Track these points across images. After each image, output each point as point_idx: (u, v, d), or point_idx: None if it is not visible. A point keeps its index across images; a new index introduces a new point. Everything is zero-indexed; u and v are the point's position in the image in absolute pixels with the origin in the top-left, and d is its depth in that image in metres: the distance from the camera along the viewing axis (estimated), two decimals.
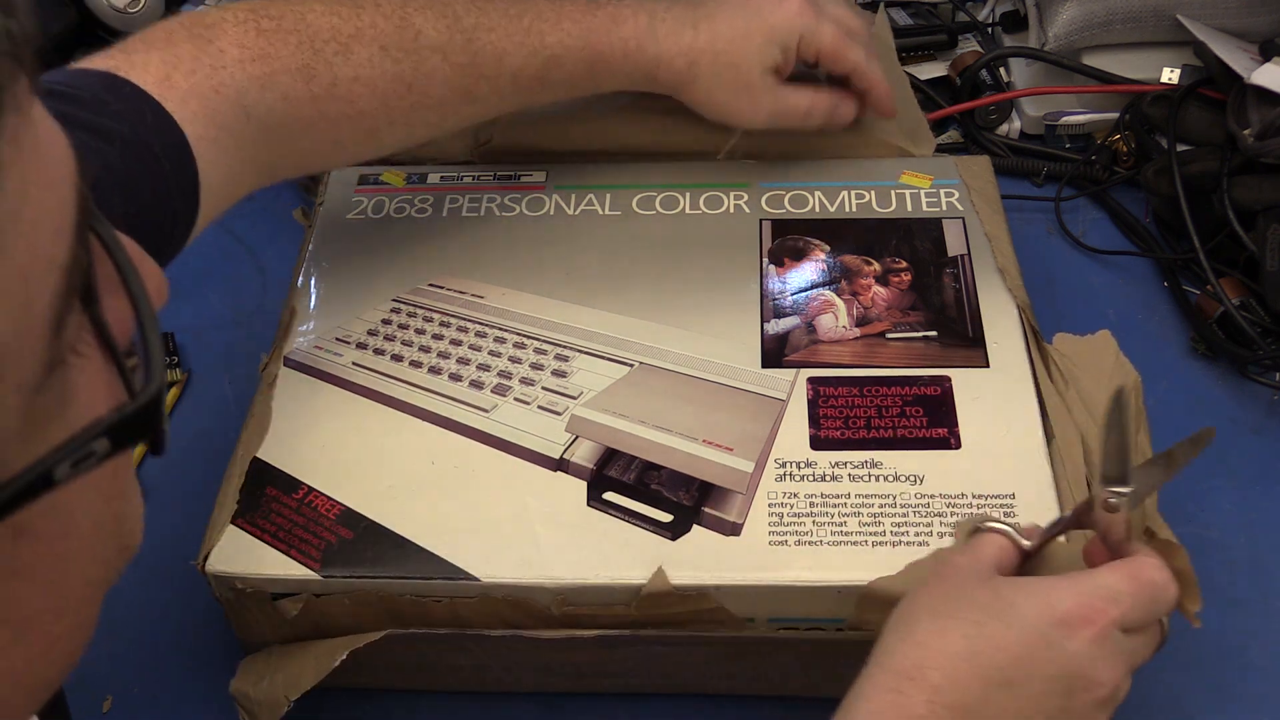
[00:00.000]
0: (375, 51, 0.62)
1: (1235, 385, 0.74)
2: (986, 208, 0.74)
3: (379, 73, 0.62)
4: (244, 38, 0.59)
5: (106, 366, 0.29)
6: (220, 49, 0.58)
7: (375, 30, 0.62)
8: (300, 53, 0.60)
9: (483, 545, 0.58)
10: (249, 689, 0.58)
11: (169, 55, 0.57)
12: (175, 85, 0.56)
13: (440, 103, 0.65)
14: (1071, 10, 0.86)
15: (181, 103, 0.56)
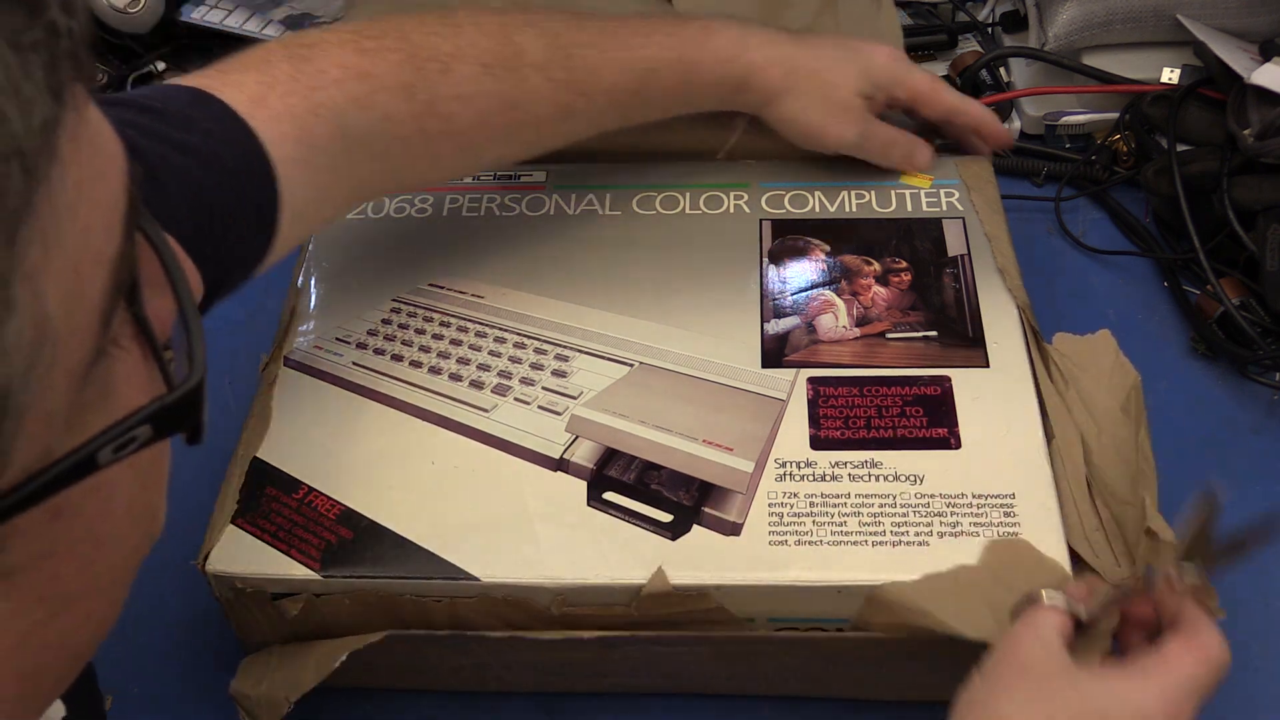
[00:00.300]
0: (476, 69, 0.62)
1: (1235, 385, 0.74)
2: (986, 208, 0.74)
3: (479, 90, 0.63)
4: (345, 57, 0.59)
5: (146, 361, 0.30)
6: (320, 69, 0.58)
7: (476, 49, 0.63)
8: (402, 71, 0.60)
9: (483, 545, 0.58)
10: (249, 690, 0.58)
11: (265, 76, 0.57)
12: (269, 106, 0.56)
13: (538, 120, 0.66)
14: (1071, 10, 0.86)
15: (273, 123, 0.56)
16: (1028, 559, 0.56)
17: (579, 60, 0.66)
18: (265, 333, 0.70)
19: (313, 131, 0.57)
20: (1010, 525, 0.57)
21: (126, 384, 0.29)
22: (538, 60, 0.64)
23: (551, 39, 0.65)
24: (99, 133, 0.28)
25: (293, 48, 0.59)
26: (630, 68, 0.67)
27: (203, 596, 0.60)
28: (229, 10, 1.02)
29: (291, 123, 0.56)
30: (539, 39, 0.65)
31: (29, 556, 0.27)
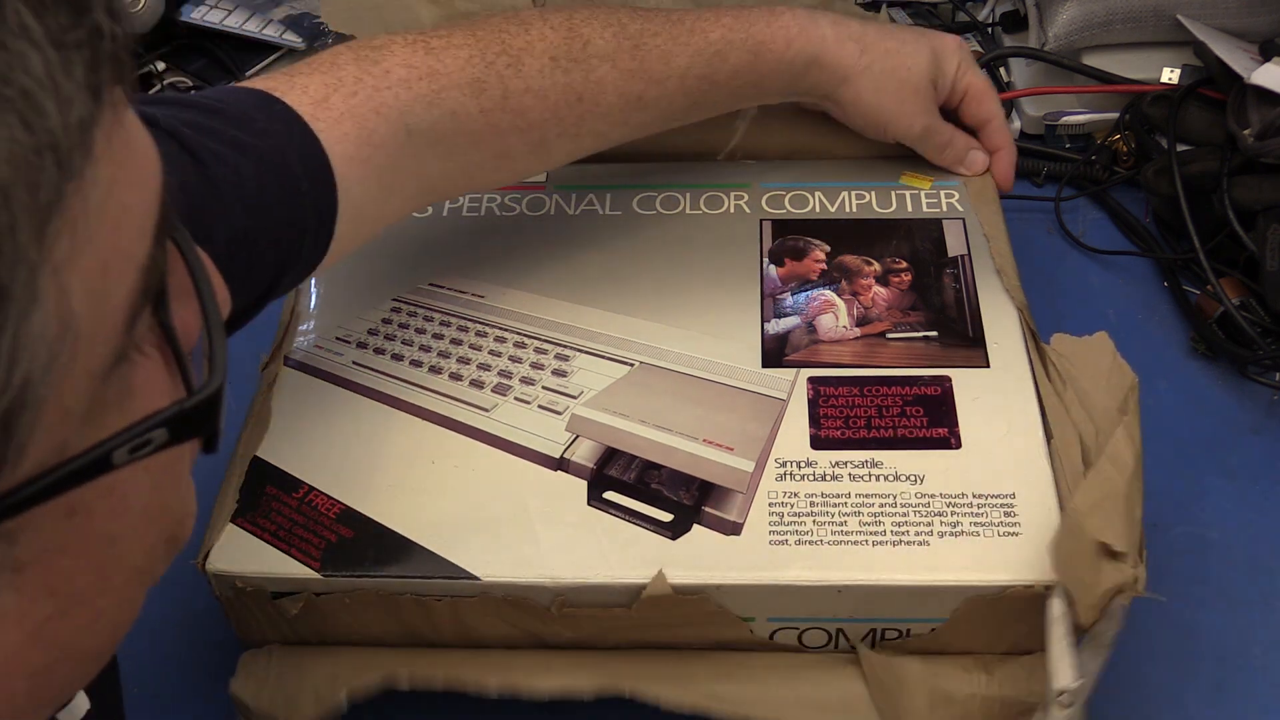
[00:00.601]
0: (545, 63, 0.63)
1: (1235, 385, 0.74)
2: (986, 208, 0.74)
3: (550, 83, 0.63)
4: (412, 57, 0.60)
5: (169, 368, 0.30)
6: (386, 69, 0.59)
7: (545, 42, 0.63)
8: (470, 67, 0.61)
9: (483, 545, 0.58)
10: (249, 699, 0.58)
11: (331, 78, 0.58)
12: (332, 106, 0.56)
13: (609, 111, 0.65)
14: (1071, 10, 0.86)
15: (335, 123, 0.56)
16: None
17: (647, 48, 0.65)
18: (265, 333, 0.70)
19: (375, 130, 0.57)
20: (1010, 525, 0.57)
21: (147, 388, 0.29)
22: (605, 50, 0.64)
23: (618, 29, 0.65)
24: (136, 138, 0.28)
25: (360, 50, 0.60)
26: (699, 51, 0.66)
27: (203, 596, 0.60)
28: (229, 10, 1.02)
29: (353, 122, 0.57)
30: (605, 29, 0.65)
31: (40, 552, 0.27)
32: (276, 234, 0.55)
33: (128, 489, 0.29)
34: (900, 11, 0.97)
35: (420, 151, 0.60)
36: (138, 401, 0.28)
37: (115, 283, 0.27)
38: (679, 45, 0.66)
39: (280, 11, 1.01)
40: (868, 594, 0.57)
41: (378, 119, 0.58)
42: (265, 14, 1.01)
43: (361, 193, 0.58)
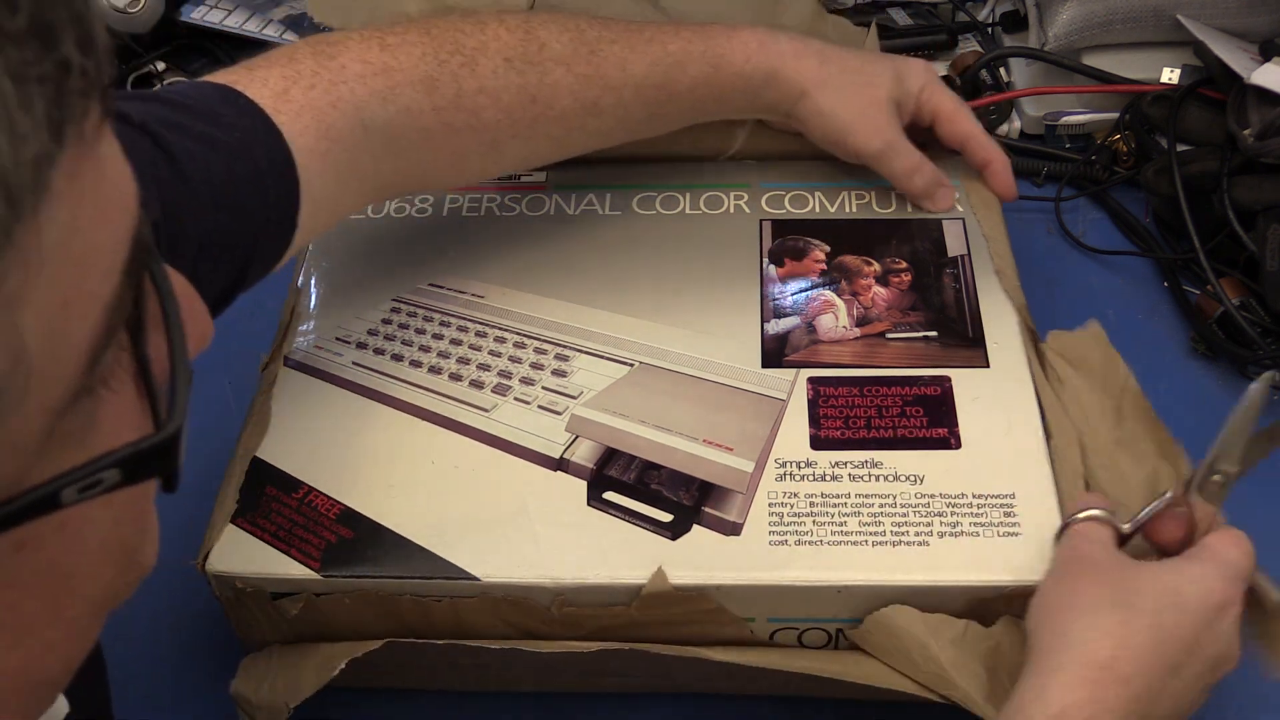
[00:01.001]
0: (500, 64, 0.62)
1: (1235, 385, 0.74)
2: (985, 208, 0.74)
3: (503, 84, 0.62)
4: (367, 53, 0.60)
5: (139, 400, 0.30)
6: (342, 64, 0.59)
7: (499, 43, 0.63)
8: (424, 64, 0.61)
9: (483, 545, 0.58)
10: (250, 694, 0.58)
11: (289, 71, 0.58)
12: (291, 99, 0.57)
13: (563, 114, 0.65)
14: (1071, 10, 0.86)
15: (295, 116, 0.56)
16: None
17: (603, 54, 0.65)
18: (265, 333, 0.70)
19: (333, 124, 0.58)
20: (1010, 525, 0.58)
21: (113, 422, 0.28)
22: (561, 54, 0.64)
23: (576, 34, 0.65)
24: (109, 174, 0.27)
25: (317, 45, 0.60)
26: (656, 60, 0.66)
27: (203, 596, 0.60)
28: (229, 10, 1.02)
29: (312, 115, 0.57)
30: (562, 33, 0.65)
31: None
32: (245, 229, 0.55)
33: (82, 524, 0.29)
34: (900, 11, 0.96)
35: (375, 147, 0.60)
36: (101, 436, 0.28)
37: (77, 321, 0.26)
38: (636, 53, 0.66)
39: (280, 11, 1.01)
40: (868, 594, 0.57)
41: (335, 113, 0.58)
42: (265, 14, 1.01)
43: (321, 185, 0.58)
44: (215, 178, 0.53)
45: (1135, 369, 0.75)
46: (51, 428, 0.26)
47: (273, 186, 0.56)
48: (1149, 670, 0.50)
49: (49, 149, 0.25)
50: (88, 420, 0.27)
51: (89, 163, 0.26)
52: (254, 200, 0.55)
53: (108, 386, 0.28)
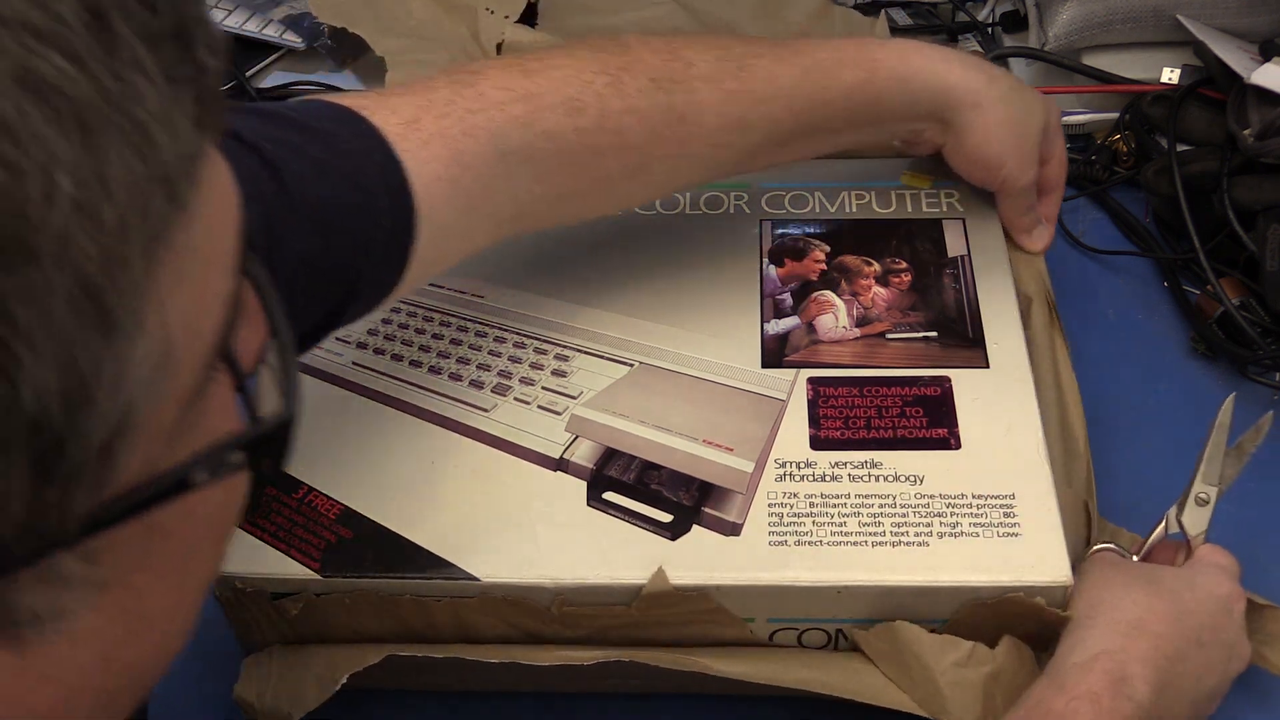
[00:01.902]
0: (646, 83, 0.60)
1: (1235, 385, 0.74)
2: (986, 208, 0.74)
3: (650, 103, 0.60)
4: (508, 80, 0.58)
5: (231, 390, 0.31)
6: (480, 92, 0.58)
7: (644, 64, 0.61)
8: (567, 87, 0.59)
9: (483, 545, 0.58)
10: (253, 699, 0.58)
11: (422, 99, 0.57)
12: (421, 128, 0.55)
13: (712, 132, 0.63)
14: (1071, 10, 0.86)
15: (423, 144, 0.55)
16: None
17: (751, 68, 0.63)
18: None
19: (464, 151, 0.56)
20: (1010, 526, 0.58)
21: (217, 412, 0.29)
22: (708, 72, 0.62)
23: (722, 50, 0.63)
24: (223, 174, 0.29)
25: (456, 74, 0.59)
26: (808, 69, 0.64)
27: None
28: (229, 10, 1.02)
29: (442, 143, 0.56)
30: (707, 51, 0.63)
31: (121, 571, 0.28)
32: (348, 256, 0.53)
33: (202, 510, 0.30)
34: (900, 12, 0.97)
35: (512, 172, 0.58)
36: (210, 424, 0.29)
37: (206, 316, 0.28)
38: (784, 65, 0.63)
39: (280, 11, 1.01)
40: (868, 594, 0.57)
41: (468, 140, 0.56)
42: (265, 14, 1.01)
43: (447, 215, 0.56)
44: (321, 200, 0.52)
45: (1135, 369, 0.75)
46: (181, 417, 0.27)
47: (385, 216, 0.54)
48: (1177, 634, 0.55)
49: (196, 144, 0.26)
50: (202, 410, 0.28)
51: (214, 161, 0.28)
52: (362, 227, 0.53)
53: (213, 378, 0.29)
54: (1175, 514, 0.61)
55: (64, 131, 0.23)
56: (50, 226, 0.23)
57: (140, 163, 0.24)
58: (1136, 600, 0.55)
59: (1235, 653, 0.57)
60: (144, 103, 0.24)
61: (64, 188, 0.23)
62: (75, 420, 0.24)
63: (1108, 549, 0.62)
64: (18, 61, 0.23)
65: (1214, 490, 0.61)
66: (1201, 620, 0.56)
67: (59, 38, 0.23)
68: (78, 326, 0.23)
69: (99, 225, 0.23)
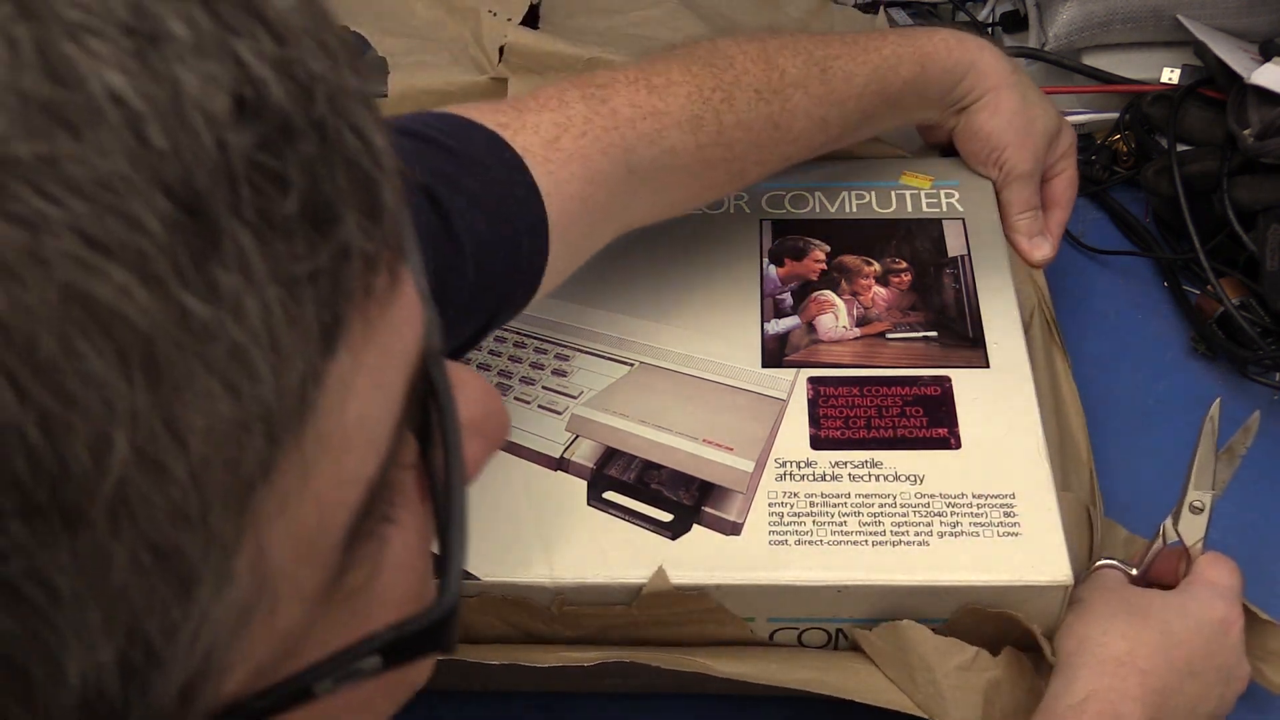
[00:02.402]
0: (751, 95, 0.63)
1: (1235, 385, 0.74)
2: (986, 208, 0.74)
3: (755, 115, 0.63)
4: (636, 96, 0.60)
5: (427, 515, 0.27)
6: (613, 109, 0.59)
7: (749, 76, 0.64)
8: (690, 104, 0.61)
9: (483, 544, 0.58)
10: None
11: (560, 117, 0.58)
12: (562, 148, 0.57)
13: (798, 135, 0.66)
14: (1071, 10, 0.86)
15: (563, 164, 0.57)
16: None
17: (833, 71, 0.66)
18: None
19: (599, 169, 0.58)
20: (1010, 525, 0.57)
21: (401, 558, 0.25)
22: (798, 78, 0.65)
23: (807, 56, 0.66)
24: (396, 324, 0.24)
25: (586, 88, 0.60)
26: (876, 67, 0.68)
27: None
28: None
29: (581, 163, 0.57)
30: (795, 56, 0.65)
31: None
32: (493, 289, 0.55)
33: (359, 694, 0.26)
34: (900, 11, 0.96)
35: (636, 188, 0.60)
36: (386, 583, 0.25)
37: (333, 511, 0.23)
38: (858, 64, 0.67)
39: None
40: (868, 594, 0.57)
41: (604, 159, 0.58)
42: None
43: (576, 231, 0.58)
44: (476, 237, 0.52)
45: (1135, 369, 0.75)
46: (314, 614, 0.23)
47: (525, 248, 0.55)
48: (1165, 668, 0.54)
49: (317, 364, 0.21)
50: (369, 571, 0.25)
51: (375, 334, 0.23)
52: (506, 262, 0.55)
53: (390, 520, 0.25)
54: (1171, 524, 0.61)
55: (125, 373, 0.19)
56: (101, 489, 0.19)
57: (230, 403, 0.20)
58: (1125, 634, 0.55)
59: (1232, 675, 0.57)
60: (245, 323, 0.20)
61: (119, 446, 0.19)
62: (138, 688, 0.20)
63: (1108, 565, 0.61)
64: (67, 282, 0.18)
65: (1208, 496, 0.60)
66: (1193, 648, 0.56)
67: (126, 249, 0.18)
68: (143, 593, 0.19)
69: (168, 481, 0.19)
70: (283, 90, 0.21)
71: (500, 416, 0.31)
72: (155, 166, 0.19)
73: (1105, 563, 0.62)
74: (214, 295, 0.19)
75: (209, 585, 0.20)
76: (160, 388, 0.19)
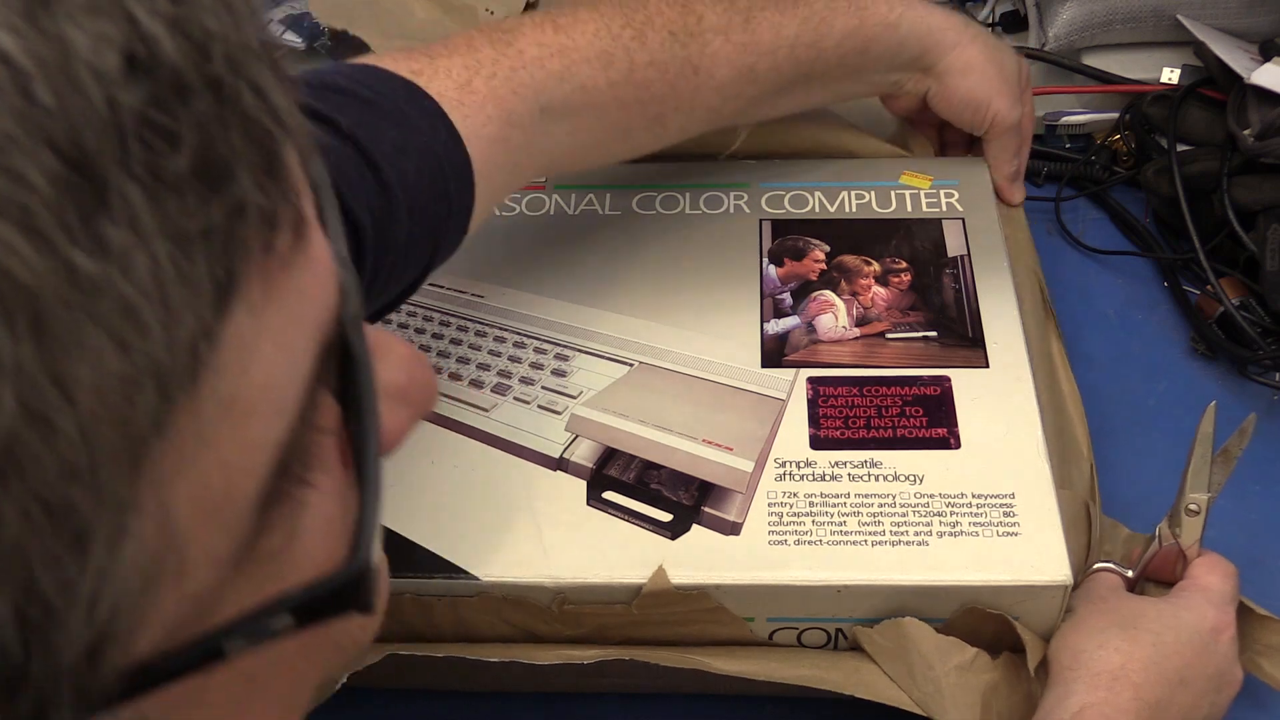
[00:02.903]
0: (665, 36, 0.63)
1: (1235, 385, 0.74)
2: (986, 208, 0.74)
3: (669, 56, 0.63)
4: (542, 36, 0.60)
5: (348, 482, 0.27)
6: (519, 50, 0.59)
7: (663, 17, 0.64)
8: (598, 40, 0.61)
9: (483, 544, 0.58)
10: None
11: (470, 60, 0.58)
12: (475, 90, 0.57)
13: (722, 84, 0.65)
14: (1071, 10, 0.86)
15: (479, 107, 0.57)
16: None
17: (758, 20, 0.66)
18: None
19: (513, 110, 0.58)
20: (1010, 525, 0.57)
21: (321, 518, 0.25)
22: (718, 24, 0.65)
23: (728, 4, 0.65)
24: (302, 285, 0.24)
25: (493, 33, 0.60)
26: (806, 19, 0.67)
27: None
28: None
29: (495, 105, 0.58)
30: (716, 4, 0.65)
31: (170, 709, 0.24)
32: (428, 235, 0.56)
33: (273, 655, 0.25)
34: None
35: (550, 127, 0.61)
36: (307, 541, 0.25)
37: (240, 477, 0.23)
38: (786, 15, 0.66)
39: (280, 12, 1.01)
40: (867, 594, 0.57)
41: (516, 99, 0.58)
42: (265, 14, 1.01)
43: (497, 175, 0.59)
44: (409, 188, 0.53)
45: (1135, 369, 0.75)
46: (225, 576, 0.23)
47: (454, 192, 0.56)
48: (1157, 680, 0.54)
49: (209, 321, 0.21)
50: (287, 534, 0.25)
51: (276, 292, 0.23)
52: (438, 206, 0.55)
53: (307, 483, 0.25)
54: (1167, 526, 0.61)
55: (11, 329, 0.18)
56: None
57: (120, 359, 0.20)
58: (1118, 648, 0.55)
59: (1224, 682, 0.57)
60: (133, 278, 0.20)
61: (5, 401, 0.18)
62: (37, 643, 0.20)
63: (1105, 569, 0.61)
64: None
65: (1204, 499, 0.60)
66: (1185, 659, 0.56)
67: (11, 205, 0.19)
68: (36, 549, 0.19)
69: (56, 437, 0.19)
70: (175, 47, 0.20)
71: (426, 384, 0.31)
72: (42, 124, 0.19)
73: (1102, 566, 0.62)
74: (102, 251, 0.19)
75: (103, 542, 0.20)
76: (47, 343, 0.19)
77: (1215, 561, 0.60)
